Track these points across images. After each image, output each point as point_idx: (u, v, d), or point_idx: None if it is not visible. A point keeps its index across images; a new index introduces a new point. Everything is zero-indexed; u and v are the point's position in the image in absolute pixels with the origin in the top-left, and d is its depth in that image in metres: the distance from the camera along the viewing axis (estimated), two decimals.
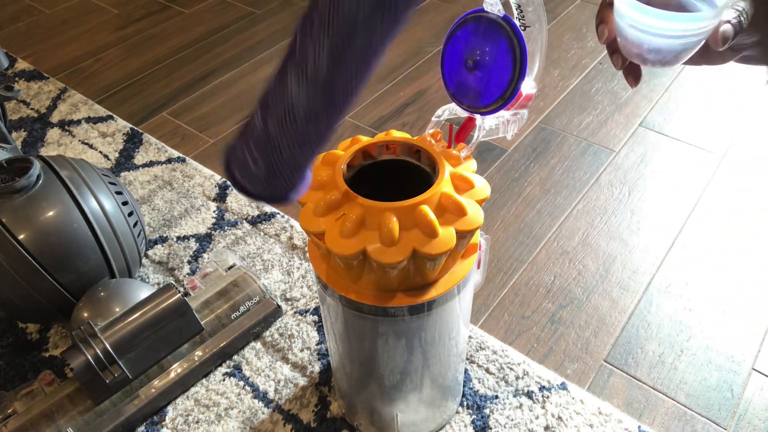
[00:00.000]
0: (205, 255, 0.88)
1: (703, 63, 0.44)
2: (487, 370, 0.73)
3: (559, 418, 0.68)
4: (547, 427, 0.68)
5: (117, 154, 1.07)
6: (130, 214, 0.78)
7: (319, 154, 0.54)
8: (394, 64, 1.27)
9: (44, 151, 1.08)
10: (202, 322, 0.72)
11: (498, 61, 0.48)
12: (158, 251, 0.89)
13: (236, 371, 0.74)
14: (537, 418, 0.69)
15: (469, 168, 0.52)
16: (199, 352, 0.73)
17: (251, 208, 0.95)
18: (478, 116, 0.53)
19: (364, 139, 0.54)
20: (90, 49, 1.37)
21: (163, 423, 0.70)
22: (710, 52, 0.43)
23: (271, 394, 0.72)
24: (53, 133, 1.12)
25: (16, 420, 0.64)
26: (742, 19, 0.41)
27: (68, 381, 0.68)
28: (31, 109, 1.19)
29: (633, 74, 0.48)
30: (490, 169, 1.02)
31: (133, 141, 1.10)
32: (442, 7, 1.45)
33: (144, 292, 0.73)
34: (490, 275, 0.85)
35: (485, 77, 0.49)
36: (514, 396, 0.71)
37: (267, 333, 0.78)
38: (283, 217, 0.93)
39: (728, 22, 0.40)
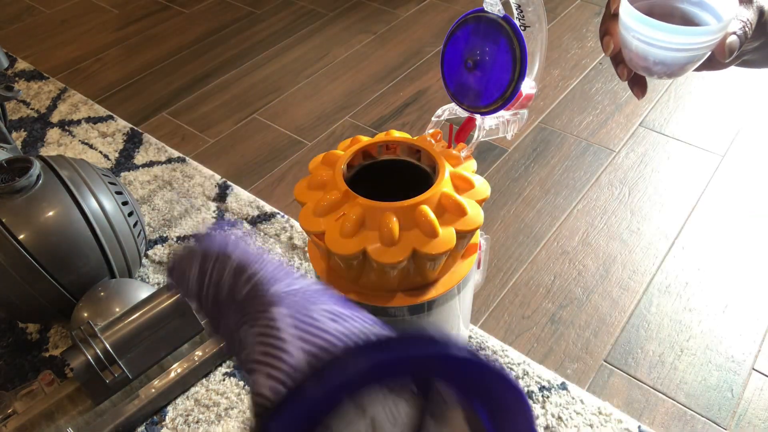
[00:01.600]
0: None
1: (706, 69, 0.45)
2: None
3: (559, 418, 0.68)
4: (547, 427, 0.68)
5: (117, 154, 1.07)
6: (130, 214, 0.78)
7: (318, 156, 0.54)
8: (394, 64, 1.27)
9: (44, 151, 1.08)
10: (202, 322, 0.72)
11: (498, 61, 0.48)
12: (158, 251, 0.89)
13: (236, 371, 0.74)
14: (537, 418, 0.69)
15: (469, 168, 0.52)
16: (199, 352, 0.73)
17: (251, 208, 0.95)
18: (478, 116, 0.53)
19: (364, 139, 0.54)
20: (90, 49, 1.37)
21: (163, 423, 0.70)
22: (713, 60, 0.43)
23: None
24: (53, 133, 1.12)
25: (16, 420, 0.64)
26: (747, 29, 0.41)
27: (68, 381, 0.68)
28: (31, 109, 1.19)
29: (638, 85, 0.48)
30: (490, 169, 1.02)
31: (133, 141, 1.10)
32: (442, 7, 1.45)
33: (144, 292, 0.73)
34: (490, 275, 0.85)
35: (485, 77, 0.49)
36: None
37: None
38: (283, 217, 0.93)
39: (734, 33, 0.40)
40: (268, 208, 0.95)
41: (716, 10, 0.42)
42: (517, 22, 0.49)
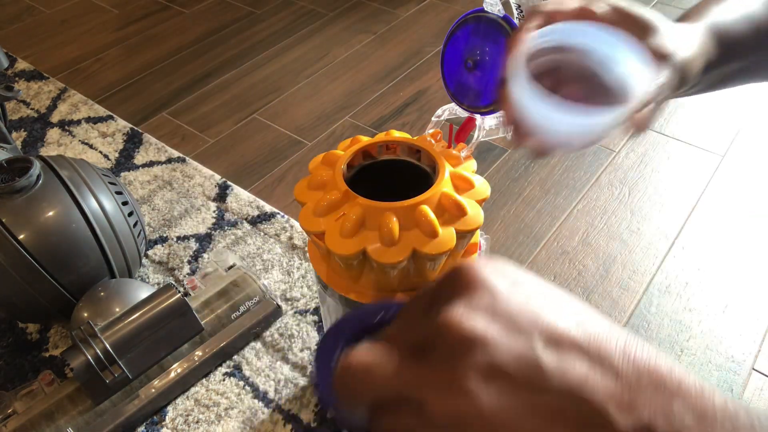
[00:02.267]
0: (205, 255, 0.88)
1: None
2: None
3: None
4: None
5: (117, 154, 1.07)
6: (130, 214, 0.78)
7: (318, 156, 0.54)
8: (394, 64, 1.27)
9: (44, 151, 1.08)
10: (202, 322, 0.72)
11: (498, 61, 0.48)
12: (158, 251, 0.89)
13: (236, 371, 0.74)
14: None
15: (469, 168, 0.52)
16: (199, 352, 0.73)
17: (251, 208, 0.95)
18: (478, 116, 0.53)
19: (364, 139, 0.54)
20: (90, 49, 1.37)
21: (163, 423, 0.70)
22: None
23: (271, 394, 0.72)
24: (53, 133, 1.12)
25: (16, 420, 0.64)
26: (664, 93, 0.38)
27: (68, 381, 0.68)
28: (31, 109, 1.19)
29: (539, 150, 0.43)
30: (490, 169, 1.02)
31: (133, 141, 1.10)
32: (442, 7, 1.45)
33: (144, 292, 0.73)
34: None
35: (485, 77, 0.49)
36: None
37: (267, 333, 0.78)
38: (283, 217, 0.93)
39: (650, 103, 0.36)
40: (268, 208, 0.95)
41: (631, 59, 0.37)
42: (517, 22, 0.49)
